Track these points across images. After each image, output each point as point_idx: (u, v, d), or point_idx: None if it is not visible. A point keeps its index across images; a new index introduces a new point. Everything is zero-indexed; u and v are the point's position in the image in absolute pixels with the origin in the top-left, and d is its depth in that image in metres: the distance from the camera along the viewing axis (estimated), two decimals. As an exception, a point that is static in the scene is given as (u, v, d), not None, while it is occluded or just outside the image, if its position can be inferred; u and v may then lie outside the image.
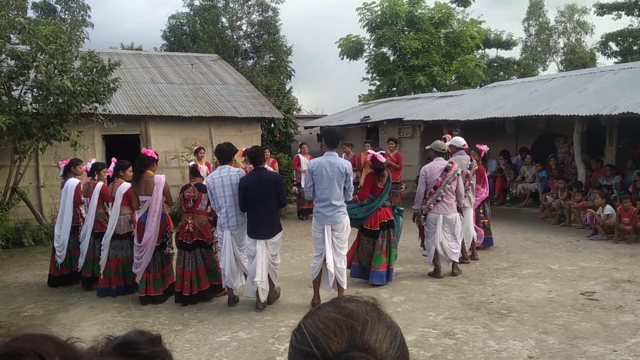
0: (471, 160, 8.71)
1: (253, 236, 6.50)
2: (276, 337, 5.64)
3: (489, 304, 6.46)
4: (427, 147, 8.64)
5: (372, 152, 7.66)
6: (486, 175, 9.39)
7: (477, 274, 7.86)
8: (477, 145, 9.25)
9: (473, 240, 8.69)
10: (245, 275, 6.81)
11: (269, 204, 6.44)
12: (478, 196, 8.94)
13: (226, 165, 6.74)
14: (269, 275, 6.57)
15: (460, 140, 8.40)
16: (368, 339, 0.98)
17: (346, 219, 6.62)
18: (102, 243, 7.30)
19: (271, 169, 10.16)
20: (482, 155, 9.19)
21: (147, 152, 7.14)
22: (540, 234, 10.64)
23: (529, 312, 6.09)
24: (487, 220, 9.36)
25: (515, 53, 36.95)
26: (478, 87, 23.35)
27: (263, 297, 6.53)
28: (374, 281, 7.34)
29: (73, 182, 8.03)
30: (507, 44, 29.73)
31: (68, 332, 6.02)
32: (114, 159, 7.71)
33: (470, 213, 8.58)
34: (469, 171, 8.48)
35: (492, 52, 31.18)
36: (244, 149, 8.32)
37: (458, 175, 7.83)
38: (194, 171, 7.13)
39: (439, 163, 7.84)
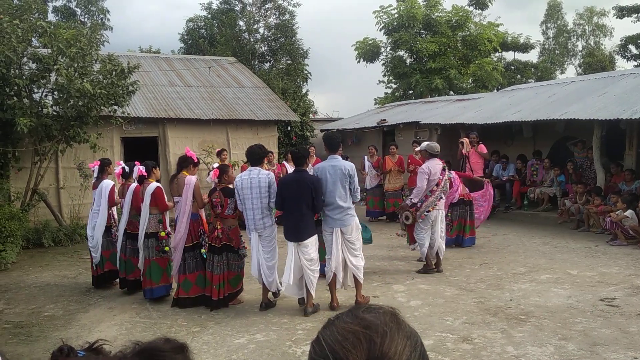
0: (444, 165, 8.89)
1: (287, 238, 6.57)
2: (293, 340, 5.65)
3: (507, 309, 6.41)
4: (418, 149, 9.02)
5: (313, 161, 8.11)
6: (458, 181, 9.75)
7: (495, 278, 7.81)
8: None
9: None
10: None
11: (302, 206, 6.40)
12: (447, 201, 9.23)
13: (256, 167, 6.75)
14: (305, 282, 6.54)
15: (434, 146, 8.48)
16: (387, 351, 0.97)
17: (355, 221, 6.62)
18: (138, 245, 7.30)
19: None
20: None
21: (187, 152, 7.22)
22: (558, 238, 10.55)
23: (547, 317, 6.03)
24: (452, 224, 9.82)
25: (532, 56, 36.86)
26: (495, 91, 23.24)
27: (283, 288, 6.59)
28: None
29: (107, 183, 8.07)
30: (525, 47, 29.49)
31: (87, 332, 6.09)
32: (137, 162, 7.74)
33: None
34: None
35: (509, 55, 31.01)
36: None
37: (450, 176, 8.39)
38: (223, 172, 6.96)
39: (437, 163, 8.24)
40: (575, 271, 8.05)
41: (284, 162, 13.19)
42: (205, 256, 6.95)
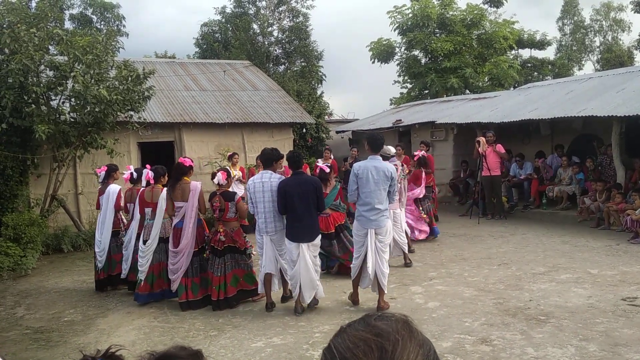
0: (402, 165, 9.43)
1: (295, 240, 6.53)
2: (310, 343, 5.63)
3: (527, 309, 6.33)
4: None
5: (318, 163, 8.55)
6: (423, 178, 10.46)
7: (514, 279, 7.72)
8: (414, 153, 10.88)
9: (407, 234, 9.25)
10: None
11: (309, 207, 6.48)
12: (412, 196, 10.18)
13: (268, 170, 6.77)
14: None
15: (389, 149, 8.78)
16: (399, 359, 0.96)
17: (389, 223, 6.67)
18: (141, 249, 7.38)
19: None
20: (416, 159, 10.57)
21: (184, 162, 7.24)
22: (578, 237, 10.41)
23: (568, 318, 5.95)
24: (426, 216, 10.50)
25: (549, 53, 36.26)
26: (512, 89, 23.03)
27: (307, 300, 6.56)
28: None
29: (114, 188, 8.18)
30: (541, 44, 29.19)
31: (106, 337, 6.13)
32: (147, 166, 7.82)
33: (403, 213, 9.11)
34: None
35: (525, 53, 30.70)
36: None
37: (403, 177, 8.87)
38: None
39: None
40: (596, 270, 7.93)
41: (318, 161, 13.19)
42: (202, 262, 7.09)
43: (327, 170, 8.20)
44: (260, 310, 6.88)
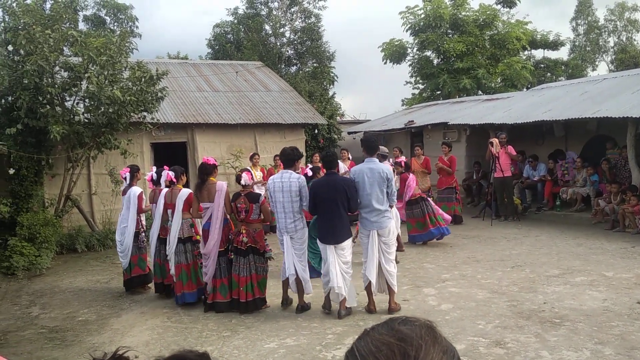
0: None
1: (322, 241, 6.58)
2: (323, 345, 5.63)
3: (541, 312, 6.29)
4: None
5: (304, 167, 8.56)
6: (408, 182, 10.63)
7: (528, 281, 7.67)
8: (397, 159, 11.09)
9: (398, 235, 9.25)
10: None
11: (338, 208, 6.44)
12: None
13: (288, 170, 6.77)
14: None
15: (383, 149, 8.86)
16: None
17: (392, 224, 6.63)
18: (167, 251, 7.39)
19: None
20: (403, 165, 10.87)
21: (208, 161, 7.20)
22: (592, 239, 10.32)
23: (583, 321, 5.90)
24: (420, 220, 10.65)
25: (563, 53, 35.92)
26: (525, 90, 22.89)
27: (336, 300, 6.54)
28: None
29: (135, 190, 8.18)
30: (555, 45, 28.98)
31: (120, 337, 6.17)
32: (165, 167, 7.84)
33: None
34: None
35: (538, 53, 30.50)
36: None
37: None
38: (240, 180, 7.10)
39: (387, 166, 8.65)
40: (611, 273, 7.86)
41: (307, 165, 13.18)
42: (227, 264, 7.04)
43: (311, 174, 8.25)
44: (272, 311, 6.89)
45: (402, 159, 11.23)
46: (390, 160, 9.96)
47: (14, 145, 10.54)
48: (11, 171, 10.62)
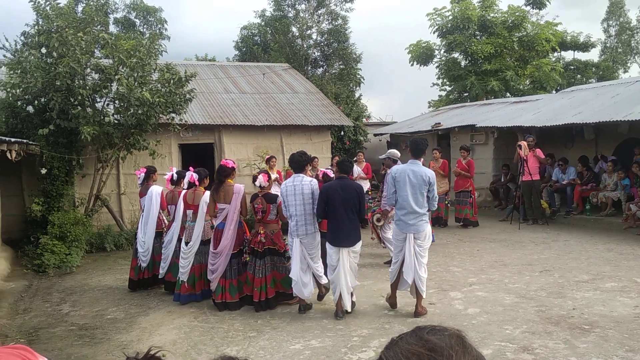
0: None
1: (335, 244, 6.56)
2: (349, 347, 5.62)
3: (570, 318, 6.19)
4: (381, 157, 9.40)
5: (322, 169, 8.56)
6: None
7: (556, 286, 7.56)
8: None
9: None
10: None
11: (351, 212, 6.51)
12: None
13: (300, 174, 6.82)
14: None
15: (395, 153, 9.02)
16: None
17: (428, 228, 6.63)
18: (183, 250, 7.51)
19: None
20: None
21: (227, 164, 7.29)
22: (623, 245, 10.12)
23: (613, 328, 5.79)
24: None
25: (593, 55, 35.41)
26: (554, 92, 22.56)
27: (349, 306, 6.56)
28: None
29: (157, 189, 8.33)
30: (585, 46, 28.46)
31: (148, 335, 6.24)
32: (191, 168, 7.93)
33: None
34: None
35: (568, 55, 29.98)
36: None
37: None
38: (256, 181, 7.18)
39: None
40: (643, 279, 7.70)
41: (327, 168, 13.14)
42: (240, 265, 7.14)
43: (332, 174, 8.18)
44: (297, 312, 6.91)
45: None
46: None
47: (46, 146, 10.77)
48: (43, 171, 10.85)
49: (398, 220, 6.63)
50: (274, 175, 12.32)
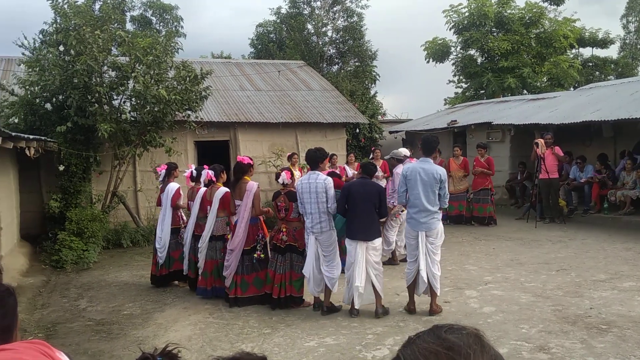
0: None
1: (352, 237, 6.58)
2: (363, 345, 5.62)
3: (587, 317, 6.13)
4: (386, 157, 9.52)
5: (341, 165, 8.62)
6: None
7: (573, 285, 7.49)
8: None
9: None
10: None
11: (371, 208, 6.53)
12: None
13: (316, 172, 6.81)
14: (372, 284, 6.55)
15: (399, 152, 9.04)
16: None
17: (440, 225, 6.61)
18: (199, 245, 7.59)
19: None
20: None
21: (243, 160, 7.31)
22: (642, 244, 10.00)
23: (631, 328, 5.73)
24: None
25: (612, 52, 34.79)
26: (572, 89, 22.31)
27: (358, 303, 6.53)
28: None
29: (173, 186, 8.41)
30: (604, 43, 28.06)
31: (164, 331, 6.29)
32: (205, 166, 7.97)
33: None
34: None
35: (587, 52, 29.60)
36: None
37: None
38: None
39: None
40: (662, 279, 7.60)
41: (344, 164, 13.12)
42: (255, 262, 7.12)
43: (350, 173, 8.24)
44: (312, 310, 6.91)
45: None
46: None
47: (64, 143, 10.88)
48: (61, 168, 10.98)
49: (410, 218, 6.64)
50: (297, 173, 12.36)
